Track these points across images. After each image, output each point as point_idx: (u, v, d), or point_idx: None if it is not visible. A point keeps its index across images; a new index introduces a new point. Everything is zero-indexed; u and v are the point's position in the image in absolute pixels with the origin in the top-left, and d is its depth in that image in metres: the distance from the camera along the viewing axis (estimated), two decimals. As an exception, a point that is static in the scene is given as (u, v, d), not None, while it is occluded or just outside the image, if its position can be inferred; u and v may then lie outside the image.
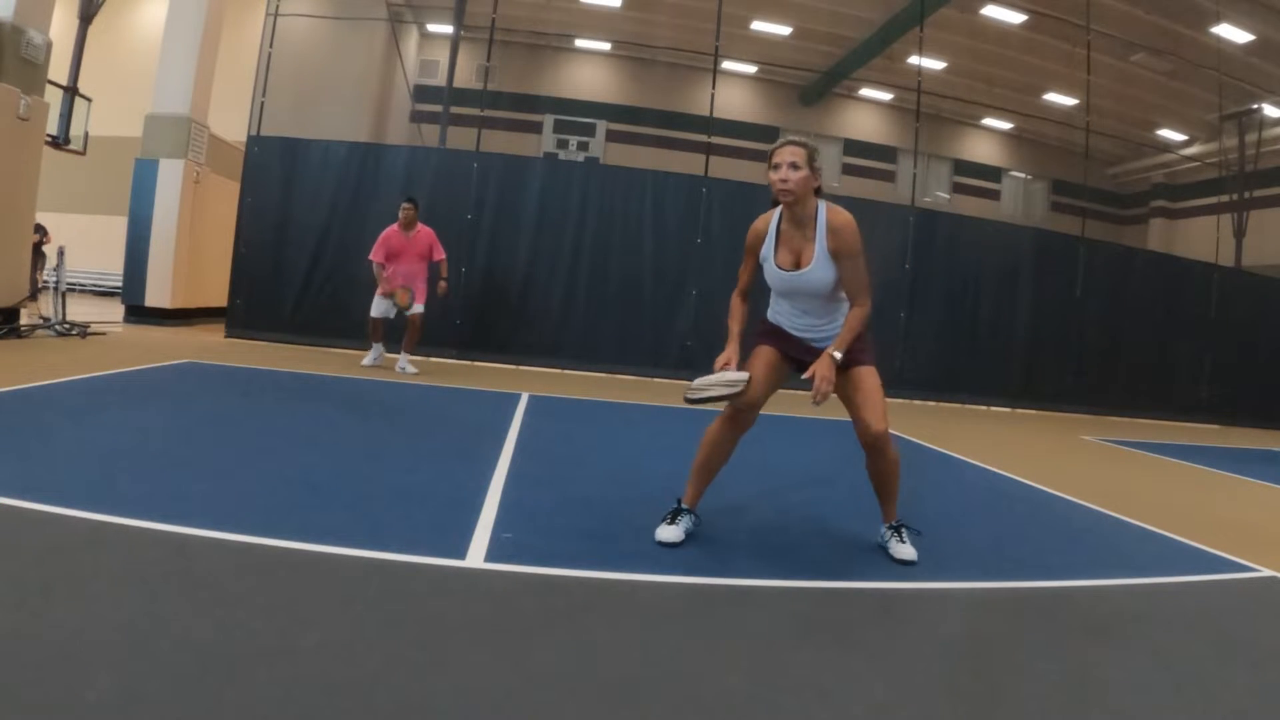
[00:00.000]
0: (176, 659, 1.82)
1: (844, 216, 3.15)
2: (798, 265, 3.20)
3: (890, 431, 3.21)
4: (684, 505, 3.34)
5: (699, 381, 3.15)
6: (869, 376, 3.20)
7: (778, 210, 3.27)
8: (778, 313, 3.41)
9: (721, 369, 3.16)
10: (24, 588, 2.13)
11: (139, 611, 2.06)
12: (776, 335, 3.40)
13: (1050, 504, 4.92)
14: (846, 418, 3.22)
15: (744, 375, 3.14)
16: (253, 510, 3.03)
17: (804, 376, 3.15)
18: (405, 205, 8.43)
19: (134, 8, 17.36)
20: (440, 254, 8.61)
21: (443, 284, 8.66)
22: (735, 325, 3.34)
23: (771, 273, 3.29)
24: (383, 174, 10.59)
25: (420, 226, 8.53)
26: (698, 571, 2.89)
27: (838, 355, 3.10)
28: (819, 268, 3.15)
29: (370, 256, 8.34)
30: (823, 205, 3.19)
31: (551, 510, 3.59)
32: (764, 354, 3.34)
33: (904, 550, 3.34)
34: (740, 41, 17.06)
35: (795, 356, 3.33)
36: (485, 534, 3.02)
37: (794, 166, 3.09)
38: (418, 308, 8.34)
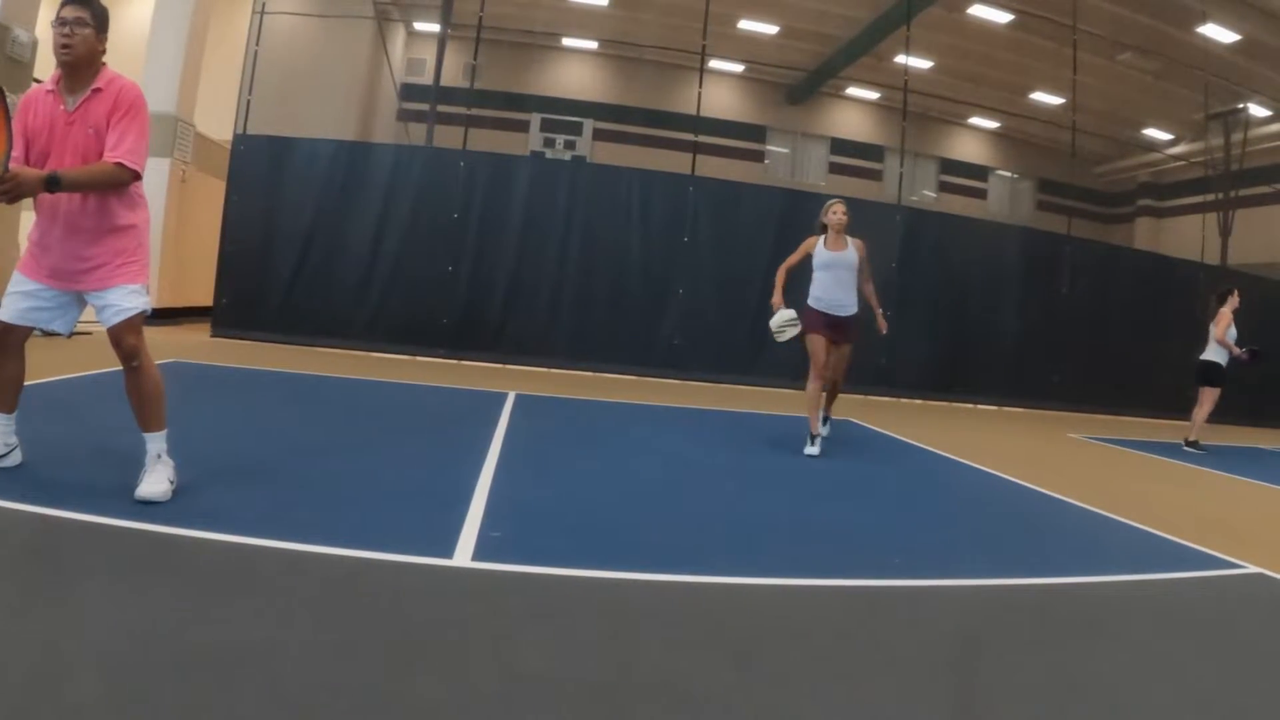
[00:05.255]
0: (166, 659, 1.80)
1: (860, 240, 5.89)
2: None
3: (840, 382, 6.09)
4: (813, 433, 5.64)
5: (773, 325, 5.70)
6: (848, 352, 5.99)
7: (824, 235, 5.85)
8: (818, 292, 5.79)
9: (778, 309, 5.66)
10: (13, 588, 2.10)
11: (127, 611, 2.04)
12: (818, 324, 5.72)
13: (1037, 502, 4.94)
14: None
15: (792, 312, 5.68)
16: (239, 509, 3.00)
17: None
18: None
19: (120, 6, 17.11)
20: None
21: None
22: (781, 280, 5.75)
23: (821, 253, 5.79)
24: (369, 172, 10.54)
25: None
26: (687, 569, 2.88)
27: (881, 312, 6.11)
28: (849, 254, 5.80)
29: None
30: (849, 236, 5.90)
31: (539, 509, 3.58)
32: (817, 339, 5.72)
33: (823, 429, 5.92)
34: (727, 40, 17.03)
35: (833, 339, 5.77)
36: (473, 533, 3.00)
37: (846, 213, 5.81)
38: None
